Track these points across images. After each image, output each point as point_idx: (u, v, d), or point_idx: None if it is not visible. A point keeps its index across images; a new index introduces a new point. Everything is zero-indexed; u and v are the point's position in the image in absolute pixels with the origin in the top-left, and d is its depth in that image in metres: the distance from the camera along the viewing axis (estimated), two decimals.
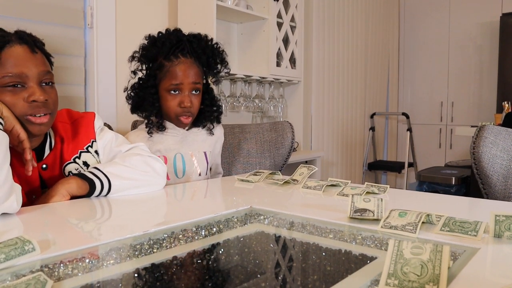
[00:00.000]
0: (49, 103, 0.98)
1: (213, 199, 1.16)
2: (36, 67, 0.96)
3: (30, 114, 0.95)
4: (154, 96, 1.35)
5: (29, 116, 0.95)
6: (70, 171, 1.09)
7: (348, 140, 3.70)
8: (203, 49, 1.38)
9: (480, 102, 4.08)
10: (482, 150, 1.37)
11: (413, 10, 4.43)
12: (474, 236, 0.69)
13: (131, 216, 0.89)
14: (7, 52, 0.94)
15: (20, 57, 0.94)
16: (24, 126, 0.96)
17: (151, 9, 2.14)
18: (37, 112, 0.96)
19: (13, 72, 0.93)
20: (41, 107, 0.96)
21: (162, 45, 1.34)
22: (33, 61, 0.96)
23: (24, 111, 0.95)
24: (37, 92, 0.95)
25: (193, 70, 1.35)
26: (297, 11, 2.82)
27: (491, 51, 3.95)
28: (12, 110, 0.93)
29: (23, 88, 0.95)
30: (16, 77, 0.93)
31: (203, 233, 0.75)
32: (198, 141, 1.46)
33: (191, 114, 1.38)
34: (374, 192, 1.09)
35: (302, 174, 1.29)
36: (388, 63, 4.31)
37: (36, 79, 0.96)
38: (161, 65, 1.35)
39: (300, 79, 2.88)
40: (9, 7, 1.63)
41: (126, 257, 0.63)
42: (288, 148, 1.80)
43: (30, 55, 0.96)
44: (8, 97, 0.93)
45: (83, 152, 1.11)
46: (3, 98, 0.93)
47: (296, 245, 0.72)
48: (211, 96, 1.46)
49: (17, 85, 0.94)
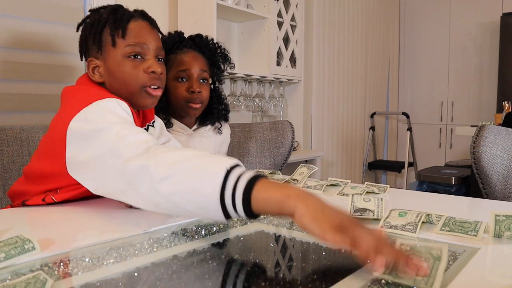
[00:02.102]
0: (163, 77, 1.04)
1: None
2: (155, 41, 1.01)
3: (149, 85, 0.99)
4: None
5: (147, 88, 0.99)
6: None
7: (348, 139, 3.70)
8: (205, 45, 1.39)
9: (480, 102, 4.08)
10: (482, 150, 1.37)
11: (413, 10, 4.43)
12: (474, 236, 0.69)
13: (131, 215, 0.89)
14: (133, 23, 0.99)
15: (143, 29, 1.00)
16: (140, 99, 0.99)
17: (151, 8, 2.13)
18: (154, 83, 1.00)
19: (136, 41, 0.98)
20: (157, 79, 1.01)
21: (165, 43, 1.35)
22: (153, 35, 1.02)
23: (144, 81, 0.99)
24: (155, 64, 0.99)
25: (199, 59, 1.36)
26: (298, 10, 2.82)
27: (491, 51, 3.95)
28: (132, 81, 0.98)
29: (142, 59, 0.99)
30: (139, 46, 0.98)
31: (203, 232, 0.75)
32: (204, 142, 1.44)
33: (200, 100, 1.35)
34: (374, 191, 1.09)
35: (302, 173, 1.29)
36: (389, 63, 4.31)
37: (154, 52, 1.01)
38: (166, 59, 1.35)
39: (300, 78, 2.88)
40: (9, 5, 1.63)
41: (126, 256, 0.63)
42: (288, 147, 1.80)
43: (151, 30, 1.02)
44: (129, 67, 0.97)
45: (150, 125, 1.14)
46: (124, 68, 0.97)
47: (296, 244, 0.72)
48: (217, 94, 1.45)
49: (137, 56, 0.98)
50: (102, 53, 0.99)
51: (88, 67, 1.01)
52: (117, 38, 0.97)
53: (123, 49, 0.97)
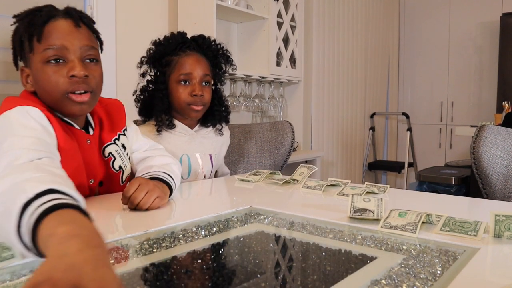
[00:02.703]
0: (90, 80, 0.94)
1: (213, 199, 1.16)
2: (78, 41, 0.92)
3: (71, 91, 0.91)
4: (164, 92, 1.35)
5: (70, 94, 0.91)
6: (111, 152, 1.07)
7: (348, 140, 3.70)
8: (208, 46, 1.40)
9: (480, 102, 4.08)
10: (482, 150, 1.37)
11: (413, 10, 4.43)
12: (474, 236, 0.69)
13: (131, 215, 0.89)
14: (51, 25, 0.91)
15: (62, 30, 0.91)
16: (65, 107, 0.92)
17: (151, 9, 2.14)
18: (76, 88, 0.91)
19: (55, 44, 0.90)
20: (80, 83, 0.91)
21: (168, 43, 1.37)
22: (76, 35, 0.92)
23: (65, 87, 0.91)
24: (77, 66, 0.90)
25: (202, 62, 1.37)
26: (297, 11, 2.82)
27: (491, 51, 3.95)
28: (55, 88, 0.91)
29: (65, 63, 0.91)
30: (57, 50, 0.90)
31: (203, 233, 0.75)
32: (205, 143, 1.46)
33: (202, 103, 1.36)
34: (374, 192, 1.09)
35: (302, 174, 1.29)
36: (388, 63, 4.31)
37: (78, 53, 0.92)
38: (169, 61, 1.36)
39: (300, 79, 2.88)
40: (9, 6, 1.63)
41: (126, 257, 0.63)
42: (288, 148, 1.80)
43: (74, 29, 0.92)
44: (49, 73, 0.90)
45: (121, 134, 1.11)
46: (44, 75, 0.90)
47: (296, 245, 0.72)
48: (219, 95, 1.47)
49: (59, 60, 0.91)
50: (26, 61, 0.93)
51: (21, 76, 0.96)
52: (33, 43, 0.90)
53: (41, 54, 0.90)
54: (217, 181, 1.39)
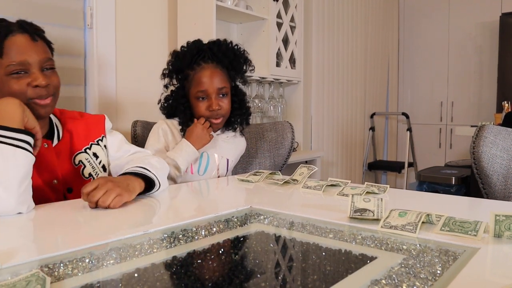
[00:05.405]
0: (51, 87, 1.06)
1: (213, 199, 1.16)
2: (37, 55, 1.03)
3: (35, 98, 1.03)
4: (185, 105, 1.44)
5: (35, 100, 1.03)
6: (81, 160, 1.17)
7: (348, 140, 3.70)
8: (224, 53, 1.44)
9: (480, 102, 4.08)
10: (482, 150, 1.37)
11: (413, 10, 4.43)
12: (474, 236, 0.69)
13: (131, 215, 0.89)
14: (10, 41, 1.00)
15: (22, 45, 1.01)
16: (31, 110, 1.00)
17: (151, 9, 2.14)
18: (40, 96, 1.03)
19: (17, 60, 1.00)
20: (44, 91, 1.04)
21: (183, 56, 1.43)
22: (34, 49, 1.03)
23: (30, 95, 1.02)
24: (39, 77, 1.02)
25: (217, 74, 1.41)
26: (297, 11, 2.82)
27: (491, 51, 3.95)
28: (19, 96, 0.99)
29: (26, 74, 1.02)
30: (19, 65, 1.00)
31: (203, 233, 0.75)
32: (224, 147, 1.51)
33: (220, 115, 1.43)
34: (374, 192, 1.09)
35: (302, 174, 1.29)
36: (388, 63, 4.31)
37: (38, 65, 1.03)
38: (186, 75, 1.43)
39: (300, 79, 2.88)
40: (8, 7, 1.63)
41: (126, 257, 0.63)
42: (288, 148, 1.80)
43: (31, 43, 1.02)
44: (14, 84, 1.00)
45: (93, 144, 1.20)
46: (9, 86, 1.00)
47: (296, 245, 0.72)
48: (239, 98, 1.51)
49: (21, 72, 1.01)
50: None
51: None
52: None
53: (4, 69, 1.00)
54: (217, 181, 1.39)
